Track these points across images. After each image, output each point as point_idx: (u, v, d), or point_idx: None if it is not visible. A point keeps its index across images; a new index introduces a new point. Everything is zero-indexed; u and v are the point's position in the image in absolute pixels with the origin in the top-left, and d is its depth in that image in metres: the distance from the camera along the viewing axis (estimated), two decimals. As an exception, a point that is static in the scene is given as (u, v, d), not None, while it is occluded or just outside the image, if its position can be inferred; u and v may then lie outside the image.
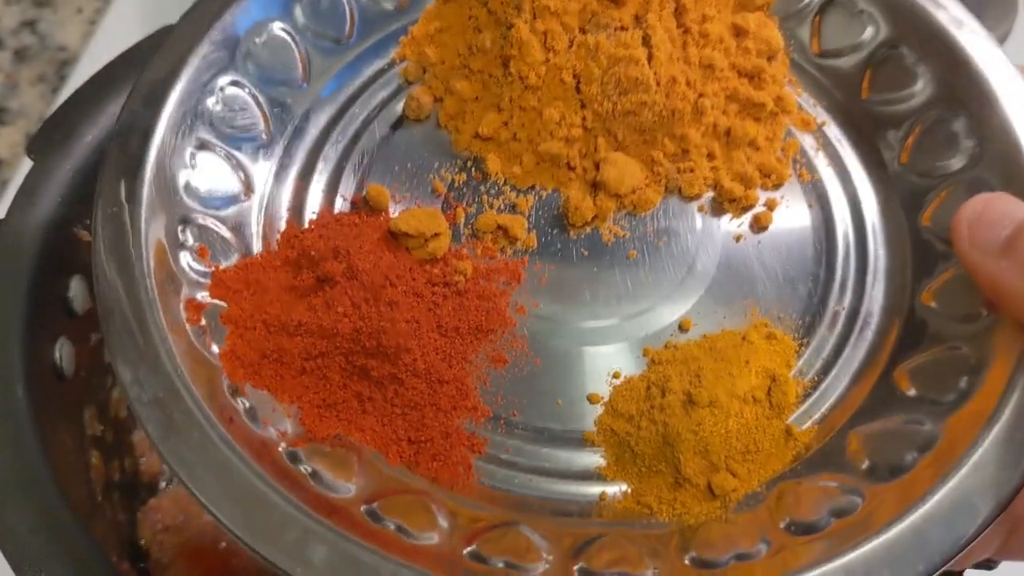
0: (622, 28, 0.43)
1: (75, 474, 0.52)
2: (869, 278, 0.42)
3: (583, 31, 0.43)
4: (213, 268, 0.39)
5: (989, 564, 0.42)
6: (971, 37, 0.44)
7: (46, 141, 0.54)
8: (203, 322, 0.37)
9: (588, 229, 0.43)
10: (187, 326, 0.36)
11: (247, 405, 0.36)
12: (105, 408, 0.58)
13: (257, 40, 0.44)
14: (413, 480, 0.36)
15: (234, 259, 0.40)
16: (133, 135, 0.40)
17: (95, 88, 0.56)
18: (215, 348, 0.36)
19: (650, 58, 0.42)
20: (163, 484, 0.65)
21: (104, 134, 0.55)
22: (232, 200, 0.41)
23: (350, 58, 0.47)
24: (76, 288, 0.53)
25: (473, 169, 0.44)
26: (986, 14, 0.80)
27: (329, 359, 0.37)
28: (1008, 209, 0.36)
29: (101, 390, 0.58)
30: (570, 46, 0.43)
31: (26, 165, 0.53)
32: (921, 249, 0.42)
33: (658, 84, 0.42)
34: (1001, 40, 0.79)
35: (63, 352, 0.52)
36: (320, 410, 0.37)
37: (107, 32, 0.91)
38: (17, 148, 0.84)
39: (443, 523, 0.35)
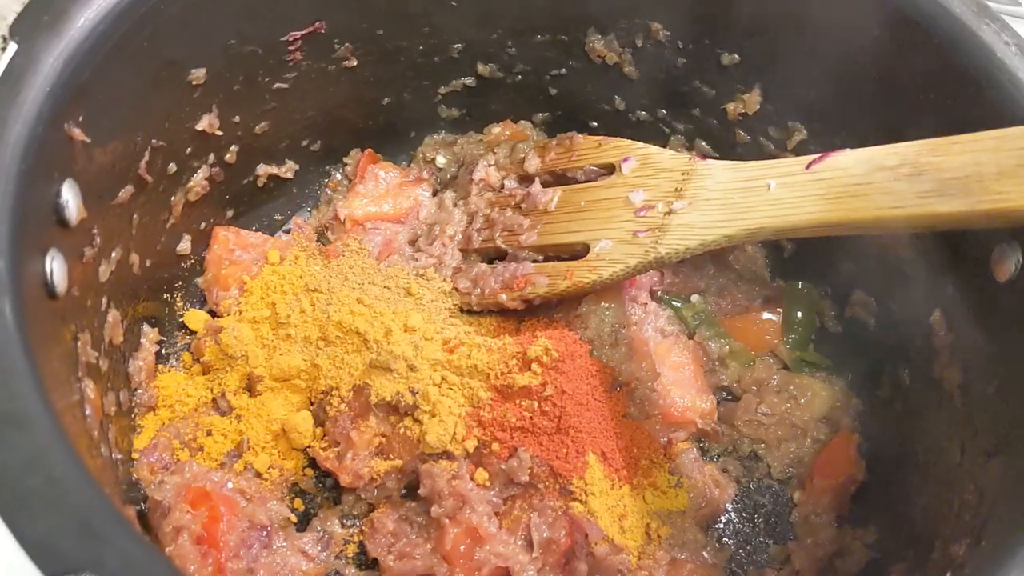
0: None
1: (70, 408, 0.46)
2: None
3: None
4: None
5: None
6: None
7: (32, 22, 0.48)
8: None
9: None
10: None
11: None
12: (100, 333, 0.52)
13: None
14: None
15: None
16: None
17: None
18: None
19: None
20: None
21: (99, 17, 0.49)
22: None
23: None
24: (68, 193, 0.47)
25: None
26: None
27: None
28: None
29: (96, 313, 0.52)
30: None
31: (8, 50, 0.47)
32: None
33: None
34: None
35: (54, 266, 0.46)
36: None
37: None
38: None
39: None
